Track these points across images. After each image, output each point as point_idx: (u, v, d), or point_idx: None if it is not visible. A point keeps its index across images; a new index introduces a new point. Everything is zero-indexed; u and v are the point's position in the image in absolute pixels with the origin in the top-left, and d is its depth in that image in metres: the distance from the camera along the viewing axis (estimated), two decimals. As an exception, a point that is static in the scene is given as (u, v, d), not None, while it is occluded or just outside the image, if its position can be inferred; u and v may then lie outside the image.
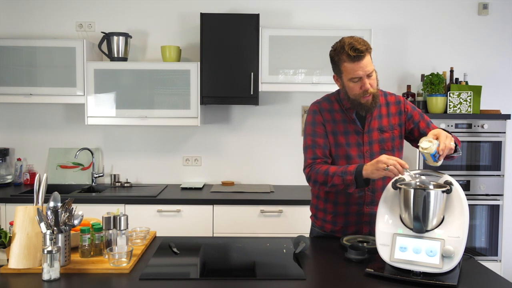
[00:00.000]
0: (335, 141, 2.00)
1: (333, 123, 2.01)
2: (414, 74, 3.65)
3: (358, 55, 1.85)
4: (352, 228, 2.04)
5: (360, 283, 1.59)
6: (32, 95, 3.30)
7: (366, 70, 1.87)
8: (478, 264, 1.79)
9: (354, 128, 2.00)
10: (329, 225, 2.08)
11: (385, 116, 2.02)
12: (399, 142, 2.03)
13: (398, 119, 2.03)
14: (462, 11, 3.66)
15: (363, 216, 2.01)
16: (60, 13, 3.60)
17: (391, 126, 2.02)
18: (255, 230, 3.09)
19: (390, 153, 1.95)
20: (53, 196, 1.73)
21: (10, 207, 3.06)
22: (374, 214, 1.86)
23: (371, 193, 1.99)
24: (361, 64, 1.86)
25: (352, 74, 1.88)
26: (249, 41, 3.27)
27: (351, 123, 2.00)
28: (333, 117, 2.01)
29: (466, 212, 1.60)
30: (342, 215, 2.03)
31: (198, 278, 1.67)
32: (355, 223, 2.03)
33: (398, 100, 2.06)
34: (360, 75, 1.87)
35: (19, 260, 1.64)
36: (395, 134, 2.02)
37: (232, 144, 3.67)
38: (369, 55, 1.89)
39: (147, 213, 3.07)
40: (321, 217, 2.11)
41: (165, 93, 3.29)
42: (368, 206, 2.00)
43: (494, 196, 3.19)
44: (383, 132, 2.00)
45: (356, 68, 1.86)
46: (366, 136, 1.99)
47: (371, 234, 1.99)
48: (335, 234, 2.07)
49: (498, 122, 3.16)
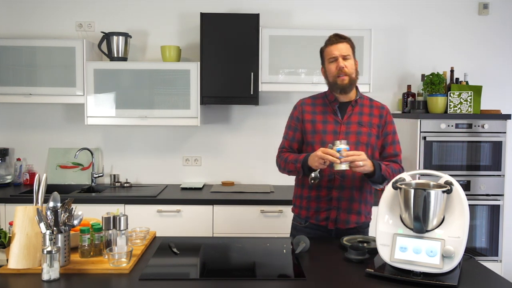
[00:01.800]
0: (313, 128, 2.16)
1: (312, 114, 2.19)
2: (415, 74, 3.65)
3: (337, 40, 2.12)
4: (323, 214, 2.14)
5: (360, 283, 1.59)
6: (32, 95, 3.29)
7: (341, 52, 2.09)
8: (479, 264, 1.79)
9: (333, 118, 2.15)
10: (304, 211, 2.20)
11: (367, 114, 2.16)
12: (374, 141, 2.14)
13: (378, 121, 2.17)
14: (463, 11, 3.66)
15: (332, 201, 2.12)
16: (60, 13, 3.60)
17: (371, 123, 2.15)
18: (255, 230, 3.09)
19: (363, 147, 2.09)
20: (53, 196, 1.73)
21: (10, 207, 3.05)
22: (342, 199, 2.10)
23: (340, 177, 2.10)
24: (337, 46, 2.10)
25: (329, 55, 2.12)
26: (249, 41, 3.26)
27: (332, 114, 2.16)
28: (314, 108, 2.20)
29: (466, 212, 1.60)
30: (314, 200, 2.16)
31: (198, 278, 1.67)
32: (326, 209, 2.14)
33: (382, 107, 2.22)
34: (336, 55, 2.09)
35: (18, 260, 1.64)
36: (372, 131, 2.14)
37: (232, 144, 3.67)
38: (349, 46, 2.12)
39: (147, 213, 3.07)
40: (298, 204, 2.24)
41: (165, 93, 3.29)
42: (337, 190, 2.11)
43: (494, 196, 3.19)
44: (361, 126, 2.13)
45: (333, 49, 2.11)
46: (344, 127, 2.13)
47: (338, 220, 2.12)
48: (309, 221, 2.18)
49: (499, 122, 3.16)
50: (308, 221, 2.19)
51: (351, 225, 2.13)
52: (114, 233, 1.82)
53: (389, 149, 2.17)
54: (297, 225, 2.25)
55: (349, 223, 2.13)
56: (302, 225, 2.22)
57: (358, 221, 2.15)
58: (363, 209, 2.16)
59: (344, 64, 2.09)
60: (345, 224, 2.13)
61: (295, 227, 2.28)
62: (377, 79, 3.55)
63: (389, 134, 2.18)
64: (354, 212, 2.13)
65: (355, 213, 2.13)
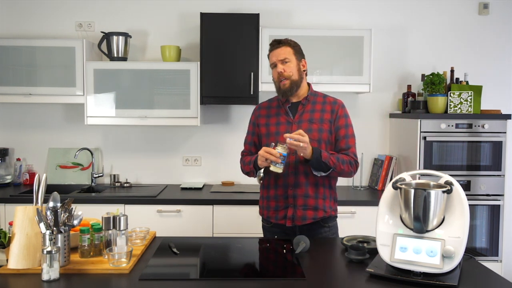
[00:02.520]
0: (267, 132, 2.25)
1: (266, 117, 2.28)
2: (415, 74, 3.65)
3: (274, 45, 2.19)
4: (281, 213, 2.20)
5: (360, 283, 1.58)
6: (32, 95, 3.29)
7: (278, 57, 2.16)
8: (479, 264, 1.79)
9: (286, 119, 2.23)
10: (265, 210, 2.27)
11: (318, 111, 2.22)
12: (327, 136, 2.19)
13: (330, 116, 2.21)
14: (463, 11, 3.66)
15: (288, 199, 2.18)
16: (60, 12, 3.60)
17: (322, 120, 2.20)
18: (255, 230, 3.07)
19: (315, 143, 2.14)
20: (53, 196, 1.73)
21: (10, 207, 3.05)
22: (297, 197, 2.16)
23: (294, 175, 2.16)
24: (275, 52, 2.18)
25: (270, 61, 2.22)
26: (249, 41, 3.26)
27: (284, 115, 2.24)
28: (269, 112, 2.29)
29: (466, 212, 1.60)
30: (273, 199, 2.23)
31: (198, 278, 1.67)
32: (283, 207, 2.20)
33: (335, 101, 2.26)
34: (274, 61, 2.19)
35: (18, 260, 1.64)
36: (323, 127, 2.19)
37: (232, 144, 3.67)
38: (289, 48, 2.18)
39: (147, 213, 3.07)
40: (261, 204, 2.31)
41: (165, 93, 3.29)
42: (292, 188, 2.17)
43: (494, 196, 3.19)
44: (312, 123, 2.19)
45: (271, 55, 2.21)
46: (295, 126, 2.18)
47: (295, 217, 2.17)
48: (270, 220, 2.25)
49: (499, 122, 3.16)
50: (269, 220, 2.25)
51: (308, 221, 2.17)
52: (114, 233, 1.82)
53: (341, 143, 2.20)
54: (265, 225, 2.33)
55: (306, 219, 2.17)
56: (268, 225, 2.29)
57: (316, 216, 2.18)
58: (321, 205, 2.19)
59: (283, 68, 2.16)
60: (301, 220, 2.17)
61: (263, 227, 2.36)
62: (377, 79, 3.55)
63: (340, 128, 2.21)
64: (310, 208, 2.17)
65: (311, 208, 2.17)
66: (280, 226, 2.23)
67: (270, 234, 2.29)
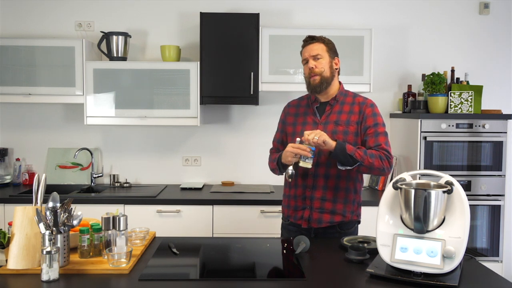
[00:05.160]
0: (293, 131, 2.22)
1: (294, 116, 2.26)
2: (415, 74, 3.65)
3: (308, 41, 2.19)
4: (299, 213, 2.19)
5: (360, 283, 1.58)
6: (31, 95, 3.29)
7: (311, 53, 2.15)
8: (479, 264, 1.79)
9: (312, 119, 2.20)
10: (286, 209, 2.27)
11: (346, 113, 2.16)
12: (353, 138, 2.12)
13: (357, 117, 2.15)
14: (463, 11, 3.65)
15: (306, 200, 2.16)
16: (59, 12, 3.59)
17: (348, 121, 2.14)
18: (255, 230, 3.08)
19: None
20: (52, 196, 1.72)
21: (9, 207, 3.05)
22: (314, 199, 2.13)
23: (313, 177, 2.14)
24: (308, 48, 2.18)
25: (302, 57, 2.21)
26: (249, 41, 3.26)
27: (311, 115, 2.21)
28: (297, 110, 2.27)
29: (467, 213, 1.59)
30: (292, 198, 2.22)
31: (197, 278, 1.67)
32: (301, 208, 2.18)
33: (363, 102, 2.18)
34: (306, 56, 2.17)
35: (18, 260, 1.64)
36: (350, 129, 2.13)
37: (232, 144, 3.66)
38: (322, 45, 2.16)
39: (147, 214, 3.06)
40: (283, 203, 2.31)
41: (165, 93, 3.28)
42: (310, 190, 2.15)
43: (495, 196, 3.18)
44: (338, 125, 2.14)
45: (304, 51, 2.20)
46: (321, 127, 2.15)
47: (311, 220, 2.14)
48: (289, 219, 2.24)
49: (499, 122, 3.15)
50: (288, 219, 2.25)
51: (324, 225, 2.14)
52: (113, 234, 1.81)
53: (369, 141, 2.09)
54: (283, 222, 2.33)
55: (322, 222, 2.14)
56: (286, 223, 2.29)
57: (332, 220, 2.14)
58: (340, 209, 2.14)
59: (314, 64, 2.14)
60: (317, 223, 2.14)
61: (281, 224, 2.36)
62: (378, 79, 3.55)
63: (369, 128, 2.11)
64: (327, 212, 2.13)
65: (328, 212, 2.13)
66: (297, 226, 2.20)
67: (286, 232, 2.27)
